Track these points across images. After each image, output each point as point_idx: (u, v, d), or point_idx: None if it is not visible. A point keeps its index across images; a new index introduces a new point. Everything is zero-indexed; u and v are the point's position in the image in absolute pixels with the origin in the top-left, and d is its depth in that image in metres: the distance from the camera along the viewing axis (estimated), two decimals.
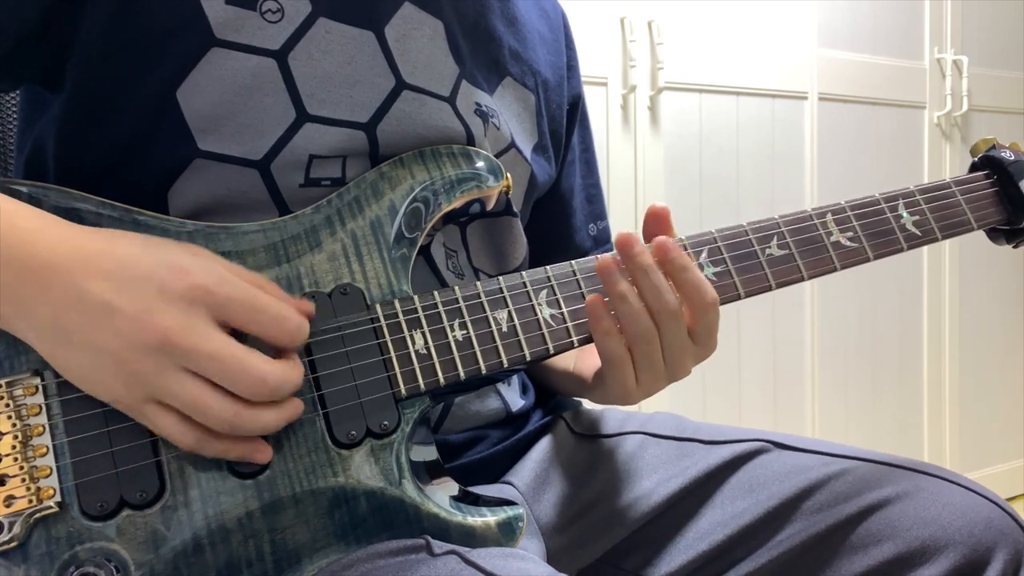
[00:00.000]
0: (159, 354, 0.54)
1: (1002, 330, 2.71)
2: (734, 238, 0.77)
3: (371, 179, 0.71)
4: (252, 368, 0.56)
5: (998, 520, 0.72)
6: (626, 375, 0.71)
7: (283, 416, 0.59)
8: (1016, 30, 2.66)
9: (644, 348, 0.69)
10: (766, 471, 0.80)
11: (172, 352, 0.54)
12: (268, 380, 0.56)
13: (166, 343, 0.54)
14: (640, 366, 0.70)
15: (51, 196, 0.62)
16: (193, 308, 0.55)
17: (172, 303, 0.55)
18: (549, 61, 0.91)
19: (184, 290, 0.55)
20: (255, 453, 0.59)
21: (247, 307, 0.57)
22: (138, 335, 0.54)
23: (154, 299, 0.54)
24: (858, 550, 0.73)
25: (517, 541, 0.64)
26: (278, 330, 0.58)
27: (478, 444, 0.82)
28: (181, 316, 0.55)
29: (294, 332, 0.59)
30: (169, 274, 0.55)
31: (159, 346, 0.54)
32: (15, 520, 0.55)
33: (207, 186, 0.68)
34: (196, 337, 0.55)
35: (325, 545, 0.61)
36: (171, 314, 0.54)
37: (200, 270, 0.56)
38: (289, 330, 0.59)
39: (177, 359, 0.55)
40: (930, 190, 0.84)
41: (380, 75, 0.72)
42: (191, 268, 0.56)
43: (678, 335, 0.70)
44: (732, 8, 2.12)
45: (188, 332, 0.54)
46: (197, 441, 0.57)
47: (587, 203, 1.00)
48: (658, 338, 0.69)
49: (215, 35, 0.67)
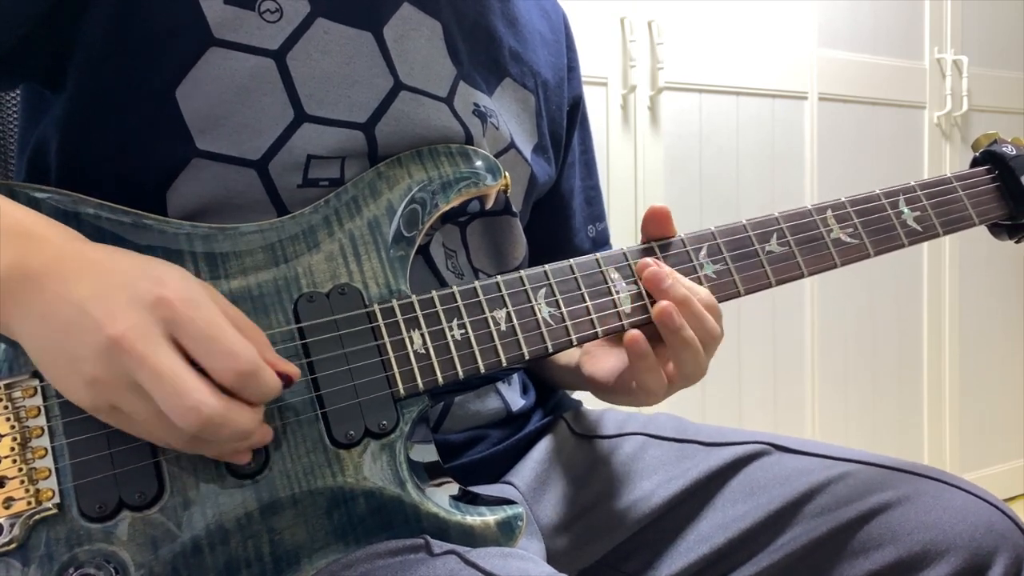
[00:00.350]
0: (109, 360, 0.52)
1: (1002, 330, 2.71)
2: (733, 235, 0.76)
3: (369, 179, 0.71)
4: (185, 393, 0.52)
5: (999, 524, 0.72)
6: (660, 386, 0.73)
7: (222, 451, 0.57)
8: (1016, 30, 2.66)
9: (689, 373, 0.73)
10: (767, 474, 0.80)
11: (120, 358, 0.52)
12: (201, 411, 0.52)
13: (116, 348, 0.52)
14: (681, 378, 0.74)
15: (51, 198, 0.62)
16: (151, 317, 0.53)
17: (135, 310, 0.53)
18: (549, 62, 0.91)
19: (150, 300, 0.53)
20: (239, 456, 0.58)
21: (202, 332, 0.53)
22: (96, 338, 0.52)
23: (122, 305, 0.53)
24: (859, 554, 0.72)
25: (516, 540, 0.64)
26: (225, 364, 0.53)
27: (478, 444, 0.82)
28: (138, 322, 0.52)
29: (245, 372, 0.54)
30: (144, 284, 0.54)
31: (108, 347, 0.52)
32: (14, 522, 0.55)
33: (205, 186, 0.68)
34: (143, 346, 0.52)
35: (324, 545, 0.61)
36: (129, 319, 0.52)
37: (175, 285, 0.54)
38: (239, 368, 0.54)
39: (125, 367, 0.52)
40: (931, 185, 0.84)
41: (378, 75, 0.72)
42: (168, 282, 0.54)
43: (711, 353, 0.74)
44: (732, 8, 2.12)
45: (137, 338, 0.52)
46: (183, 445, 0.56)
47: (586, 205, 1.00)
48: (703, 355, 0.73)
49: (214, 35, 0.67)
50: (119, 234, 0.63)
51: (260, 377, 0.55)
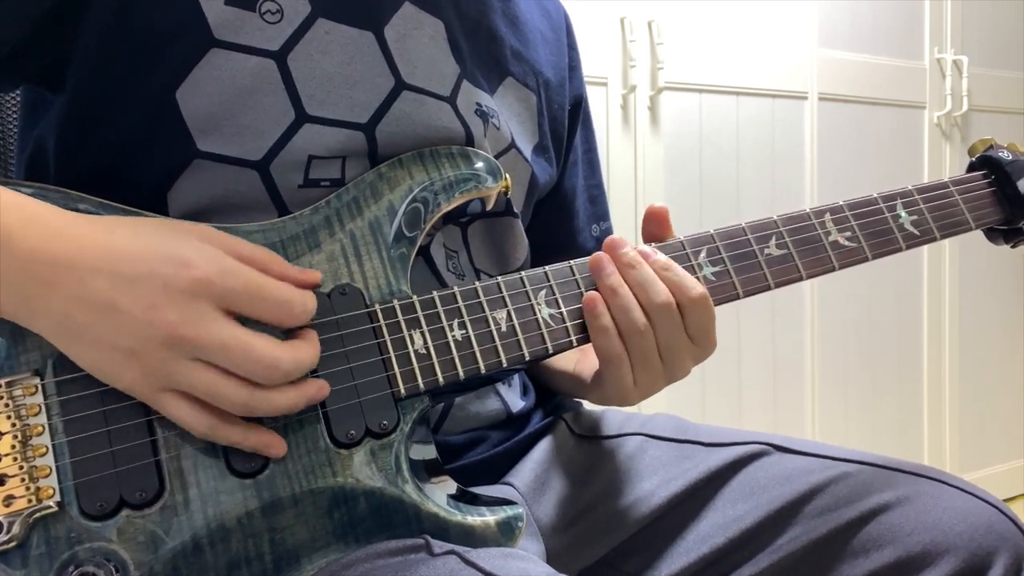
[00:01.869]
0: (168, 348, 0.55)
1: (1002, 330, 2.71)
2: (732, 238, 0.77)
3: (370, 180, 0.71)
4: (261, 354, 0.56)
5: (999, 524, 0.72)
6: (623, 374, 0.71)
7: (301, 396, 0.60)
8: (1016, 30, 2.66)
9: (639, 343, 0.69)
10: (767, 474, 0.80)
11: (181, 345, 0.55)
12: (280, 364, 0.57)
13: (174, 337, 0.55)
14: (636, 364, 0.71)
15: (51, 197, 0.62)
16: (197, 301, 0.56)
17: (176, 297, 0.55)
18: (551, 61, 0.91)
19: (187, 284, 0.55)
20: (270, 448, 0.60)
21: (250, 295, 0.58)
22: (145, 331, 0.54)
23: (158, 295, 0.55)
24: (859, 554, 0.73)
25: (516, 540, 0.64)
26: (283, 314, 0.59)
27: (478, 445, 0.82)
28: (186, 310, 0.55)
29: (299, 314, 0.60)
30: (171, 268, 0.56)
31: (167, 340, 0.55)
32: (14, 520, 0.55)
33: (206, 186, 0.68)
34: (202, 329, 0.55)
35: (324, 545, 0.61)
36: (176, 309, 0.55)
37: (202, 262, 0.56)
38: (294, 313, 0.59)
39: (187, 351, 0.55)
40: (928, 190, 0.84)
41: (380, 75, 0.72)
42: (192, 260, 0.56)
43: (673, 330, 0.70)
44: (732, 8, 2.12)
45: (194, 325, 0.55)
46: (212, 428, 0.58)
47: (590, 204, 0.99)
48: (652, 332, 0.70)
49: (214, 36, 0.67)
50: None
51: (308, 307, 0.61)
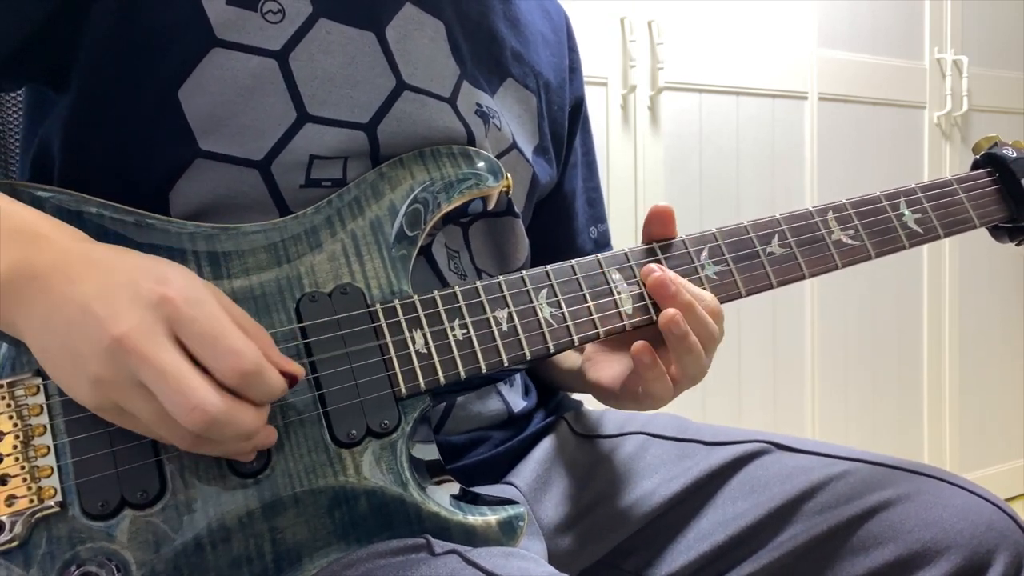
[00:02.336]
0: (113, 360, 0.52)
1: (1002, 330, 2.71)
2: (735, 236, 0.77)
3: (371, 179, 0.71)
4: (189, 393, 0.51)
5: (999, 522, 0.72)
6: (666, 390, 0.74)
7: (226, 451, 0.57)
8: (1016, 30, 2.66)
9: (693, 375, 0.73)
10: (767, 472, 0.80)
11: (124, 357, 0.52)
12: (206, 410, 0.51)
13: (119, 347, 0.51)
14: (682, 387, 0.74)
15: (54, 198, 0.62)
16: (154, 316, 0.53)
17: (138, 309, 0.52)
18: (551, 63, 0.91)
19: (153, 299, 0.53)
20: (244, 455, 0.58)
21: (205, 331, 0.53)
22: (99, 337, 0.52)
23: (124, 304, 0.53)
24: (859, 552, 0.73)
25: (518, 540, 0.64)
26: (229, 364, 0.53)
27: (480, 445, 0.82)
28: (140, 322, 0.52)
29: (250, 372, 0.53)
30: (147, 283, 0.54)
31: (114, 349, 0.52)
32: (16, 520, 0.55)
33: (208, 186, 0.68)
34: (146, 345, 0.51)
35: (326, 544, 0.61)
36: (132, 318, 0.52)
37: (178, 284, 0.54)
38: (243, 368, 0.53)
39: (129, 366, 0.52)
40: (932, 187, 0.84)
41: (381, 75, 0.72)
42: (171, 281, 0.54)
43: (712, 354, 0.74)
44: (732, 8, 2.12)
45: (140, 338, 0.52)
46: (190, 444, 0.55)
47: (588, 206, 1.00)
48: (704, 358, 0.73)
49: (216, 35, 0.67)
50: (122, 233, 0.63)
51: (264, 376, 0.54)
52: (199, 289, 0.55)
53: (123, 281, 0.54)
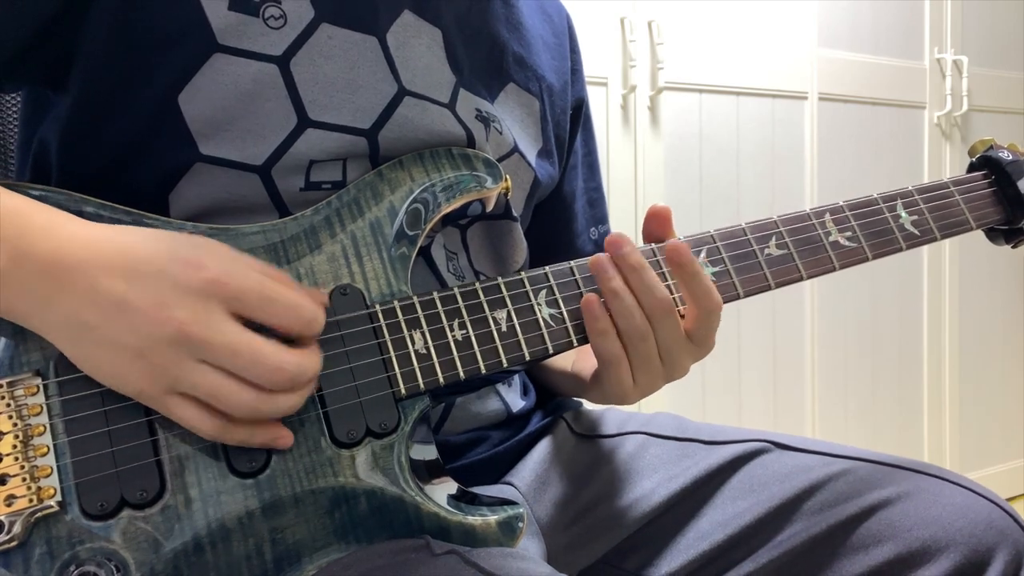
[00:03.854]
0: (176, 347, 0.55)
1: (1002, 330, 2.71)
2: (732, 238, 0.77)
3: (370, 180, 0.71)
4: (268, 358, 0.56)
5: (999, 520, 0.72)
6: (623, 375, 0.71)
7: (302, 398, 0.60)
8: (1016, 30, 2.66)
9: (639, 346, 0.69)
10: (767, 471, 0.80)
11: (188, 345, 0.55)
12: (285, 368, 0.56)
13: (182, 336, 0.54)
14: (636, 365, 0.71)
15: (53, 198, 0.62)
16: (207, 301, 0.55)
17: (186, 297, 0.55)
18: (553, 66, 0.91)
19: (198, 284, 0.55)
20: (277, 440, 0.60)
21: (261, 298, 0.57)
22: (154, 329, 0.54)
23: (168, 293, 0.55)
24: (859, 550, 0.73)
25: (517, 540, 0.64)
26: (293, 319, 0.58)
27: (479, 445, 0.82)
28: (195, 309, 0.55)
29: (309, 320, 0.59)
30: (182, 268, 0.56)
31: (175, 339, 0.54)
32: (15, 519, 0.55)
33: (208, 190, 0.68)
34: (211, 329, 0.55)
35: (325, 544, 0.61)
36: (185, 308, 0.55)
37: (213, 263, 0.56)
38: (304, 318, 0.59)
39: (194, 351, 0.55)
40: (928, 190, 0.85)
41: (382, 80, 0.72)
42: (204, 261, 0.56)
43: (673, 333, 0.70)
44: (732, 8, 2.12)
45: (203, 325, 0.55)
46: (219, 429, 0.57)
47: (589, 207, 0.99)
48: (653, 336, 0.70)
49: (217, 41, 0.67)
50: None
51: (318, 317, 0.60)
52: (230, 259, 0.58)
53: (152, 270, 0.56)
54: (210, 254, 0.57)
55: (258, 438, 0.59)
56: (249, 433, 0.59)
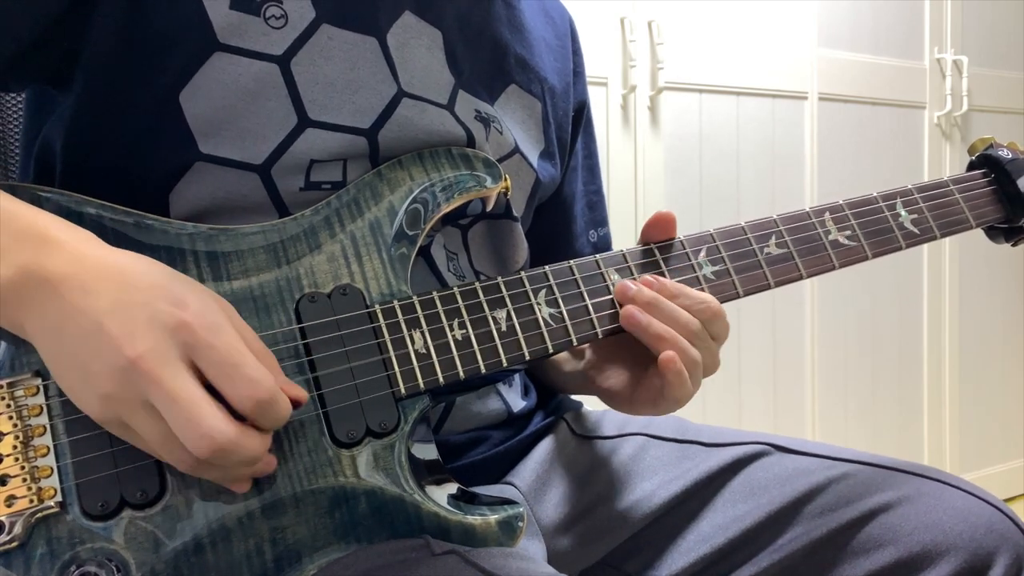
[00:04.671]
0: (125, 380, 0.52)
1: (1002, 330, 2.71)
2: (732, 237, 0.77)
3: (369, 180, 0.71)
4: (201, 419, 0.52)
5: (999, 524, 0.72)
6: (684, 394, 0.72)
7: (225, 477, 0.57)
8: (1016, 30, 2.66)
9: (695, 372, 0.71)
10: (767, 474, 0.80)
11: (136, 379, 0.52)
12: (215, 437, 0.52)
13: (133, 368, 0.52)
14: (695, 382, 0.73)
15: (53, 199, 0.62)
16: (170, 341, 0.53)
17: (154, 332, 0.53)
18: (555, 68, 0.91)
19: (171, 323, 0.53)
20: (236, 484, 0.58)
21: (224, 359, 0.54)
22: (113, 357, 0.52)
23: (140, 325, 0.53)
24: (860, 554, 0.73)
25: (517, 540, 0.64)
26: (248, 395, 0.54)
27: (480, 445, 0.82)
28: (156, 346, 0.52)
29: (264, 400, 0.54)
30: (164, 305, 0.54)
31: (125, 368, 0.52)
32: (16, 520, 0.55)
33: (208, 189, 0.68)
34: (161, 370, 0.52)
35: (325, 544, 0.61)
36: (148, 342, 0.52)
37: (196, 309, 0.54)
38: (259, 397, 0.54)
39: (140, 389, 0.52)
40: (928, 189, 0.85)
41: (382, 81, 0.73)
42: (189, 304, 0.54)
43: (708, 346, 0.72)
44: (732, 8, 2.12)
45: (156, 362, 0.52)
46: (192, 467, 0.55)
47: (588, 210, 0.99)
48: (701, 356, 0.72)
49: (218, 40, 0.67)
50: (122, 233, 0.63)
51: (277, 405, 0.55)
52: (216, 313, 0.55)
53: (139, 300, 0.54)
54: (201, 300, 0.55)
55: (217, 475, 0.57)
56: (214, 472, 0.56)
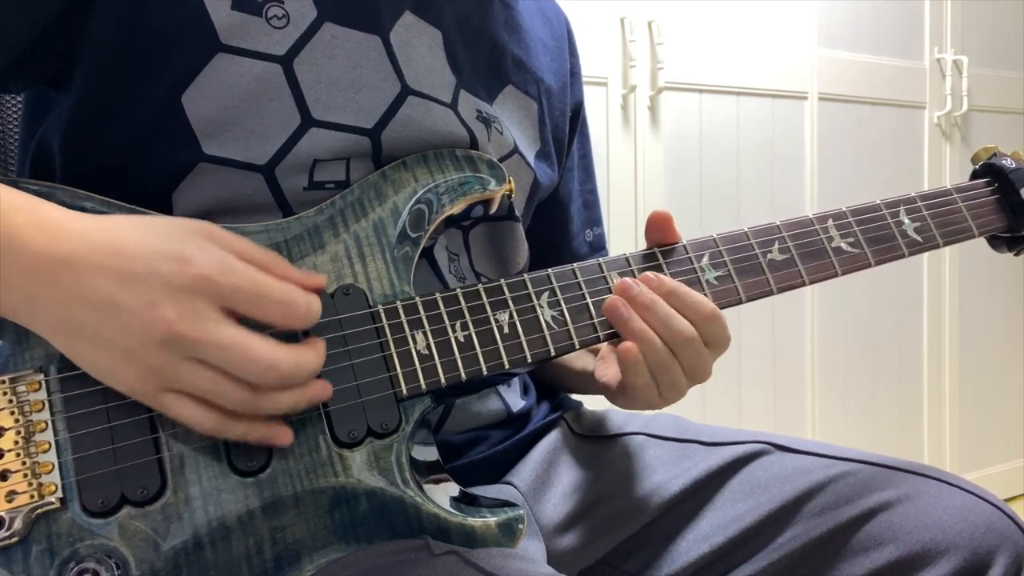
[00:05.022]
0: (167, 346, 0.54)
1: (1002, 330, 2.71)
2: (735, 242, 0.77)
3: (374, 181, 0.71)
4: (260, 356, 0.55)
5: (999, 523, 0.72)
6: (651, 395, 0.73)
7: (303, 396, 0.59)
8: (1016, 30, 2.66)
9: (665, 376, 0.71)
10: (767, 473, 0.80)
11: (179, 344, 0.54)
12: (279, 366, 0.56)
13: (172, 335, 0.54)
14: (663, 386, 0.72)
15: (56, 195, 0.62)
16: (197, 299, 0.55)
17: (176, 295, 0.54)
18: (552, 68, 0.91)
19: (188, 281, 0.54)
20: (275, 437, 0.60)
21: (252, 295, 0.56)
22: (144, 330, 0.54)
23: (158, 292, 0.54)
24: (859, 553, 0.73)
25: (517, 542, 0.65)
26: (286, 315, 0.58)
27: (479, 445, 0.82)
28: (185, 308, 0.54)
29: (303, 315, 0.58)
30: (172, 266, 0.55)
31: (166, 339, 0.54)
32: (16, 516, 0.55)
33: (211, 189, 0.68)
34: (201, 328, 0.54)
35: (325, 544, 0.61)
36: (175, 307, 0.54)
37: (203, 259, 0.55)
38: (298, 314, 0.58)
39: (185, 350, 0.54)
40: (931, 196, 0.85)
41: (386, 80, 0.72)
42: (194, 257, 0.55)
43: (697, 353, 0.71)
44: (732, 8, 2.12)
45: (193, 323, 0.54)
46: (217, 425, 0.57)
47: (584, 209, 1.00)
48: (678, 364, 0.71)
49: (221, 41, 0.67)
50: None
51: (311, 308, 0.59)
52: (221, 256, 0.57)
53: (144, 270, 0.55)
54: (199, 248, 0.56)
55: (257, 433, 0.59)
56: (247, 429, 0.58)
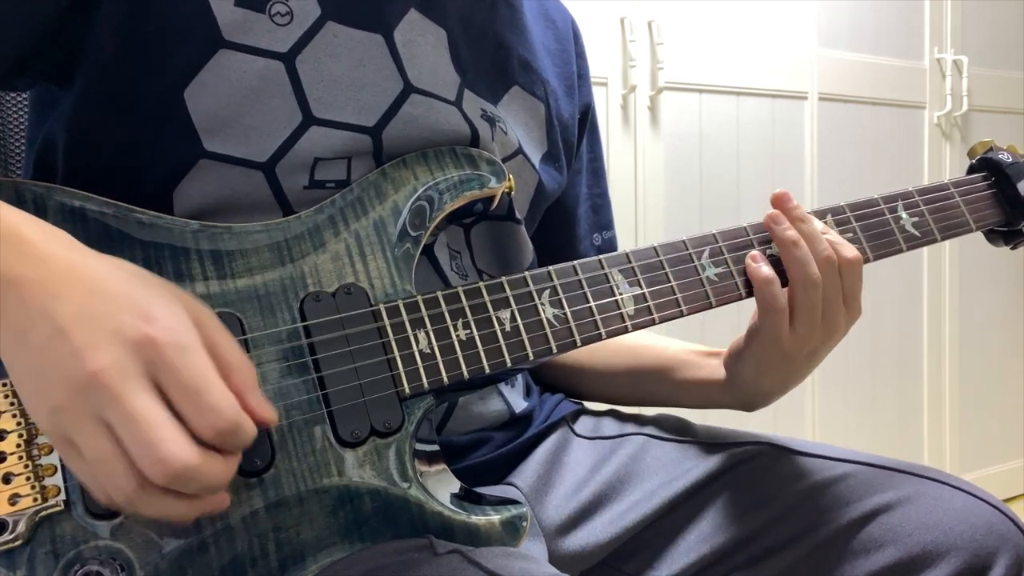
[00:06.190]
0: (82, 394, 0.49)
1: (1002, 331, 2.71)
2: (735, 238, 0.77)
3: (374, 179, 0.71)
4: (158, 441, 0.48)
5: (1000, 525, 0.72)
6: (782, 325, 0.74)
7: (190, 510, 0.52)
8: (1016, 30, 2.66)
9: (808, 295, 0.73)
10: (767, 474, 0.80)
11: (96, 395, 0.48)
12: (172, 463, 0.48)
13: (92, 383, 0.48)
14: (799, 316, 0.74)
15: (55, 195, 0.62)
16: (134, 357, 0.49)
17: (118, 346, 0.49)
18: (555, 71, 0.91)
19: (136, 338, 0.49)
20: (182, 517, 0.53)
21: (187, 384, 0.50)
22: (71, 368, 0.49)
23: (104, 337, 0.49)
24: (860, 555, 0.73)
25: (521, 540, 0.65)
26: (210, 424, 0.50)
27: (482, 446, 0.82)
28: (119, 362, 0.49)
29: (223, 430, 0.50)
30: (132, 318, 0.50)
31: (85, 384, 0.48)
32: (20, 518, 0.55)
33: (212, 186, 0.68)
34: (123, 387, 0.48)
35: (329, 544, 0.61)
36: (111, 356, 0.49)
37: (164, 325, 0.50)
38: (219, 426, 0.50)
39: (98, 404, 0.48)
40: (929, 191, 0.85)
41: (388, 78, 0.72)
42: (157, 319, 0.50)
43: (835, 287, 0.75)
44: (732, 8, 2.12)
45: (118, 379, 0.48)
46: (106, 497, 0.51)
47: (592, 213, 0.99)
48: (821, 286, 0.73)
49: (223, 37, 0.67)
50: (125, 231, 0.63)
51: (240, 433, 0.51)
52: (185, 332, 0.51)
53: (104, 310, 0.50)
54: (170, 315, 0.51)
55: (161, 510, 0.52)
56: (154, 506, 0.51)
